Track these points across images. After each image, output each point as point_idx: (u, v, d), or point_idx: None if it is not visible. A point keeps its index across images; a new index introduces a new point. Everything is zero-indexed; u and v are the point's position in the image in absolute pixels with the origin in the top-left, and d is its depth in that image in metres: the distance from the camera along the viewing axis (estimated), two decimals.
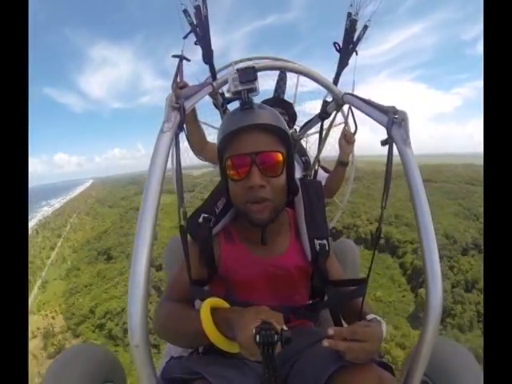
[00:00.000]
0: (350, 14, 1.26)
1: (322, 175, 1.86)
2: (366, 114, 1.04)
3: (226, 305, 0.88)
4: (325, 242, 1.04)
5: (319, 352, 0.85)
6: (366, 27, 1.27)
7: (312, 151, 1.93)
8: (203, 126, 1.80)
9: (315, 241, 1.03)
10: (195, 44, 1.28)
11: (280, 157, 0.89)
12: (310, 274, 1.05)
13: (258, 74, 0.96)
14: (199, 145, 1.68)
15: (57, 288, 57.57)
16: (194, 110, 1.51)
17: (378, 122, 0.93)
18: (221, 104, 1.57)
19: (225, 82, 1.22)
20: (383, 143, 0.90)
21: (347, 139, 1.65)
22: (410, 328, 37.89)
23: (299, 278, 1.04)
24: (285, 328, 0.67)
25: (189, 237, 0.99)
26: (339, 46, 1.33)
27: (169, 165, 0.95)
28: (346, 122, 2.06)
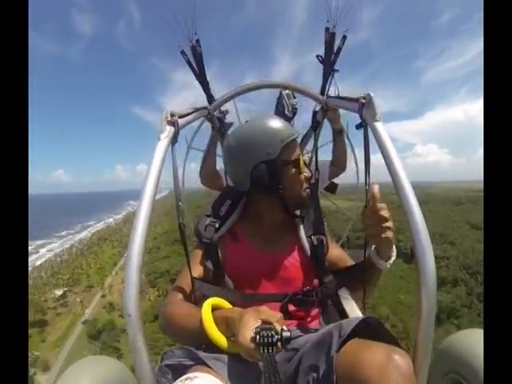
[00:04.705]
0: (327, 29, 1.31)
1: (322, 163, 1.81)
2: (345, 108, 1.15)
3: (227, 304, 0.88)
4: (322, 237, 1.12)
5: (319, 342, 0.85)
6: (344, 37, 1.31)
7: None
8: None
9: (312, 237, 1.12)
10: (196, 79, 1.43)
11: None
12: (312, 267, 1.11)
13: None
14: (213, 171, 1.77)
15: None
16: (215, 139, 1.67)
17: (355, 112, 1.01)
18: (218, 128, 1.64)
19: (219, 106, 1.42)
20: (358, 127, 1.00)
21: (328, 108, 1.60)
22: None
23: (301, 271, 1.10)
24: (285, 328, 0.68)
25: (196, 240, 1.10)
26: (322, 58, 1.38)
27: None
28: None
